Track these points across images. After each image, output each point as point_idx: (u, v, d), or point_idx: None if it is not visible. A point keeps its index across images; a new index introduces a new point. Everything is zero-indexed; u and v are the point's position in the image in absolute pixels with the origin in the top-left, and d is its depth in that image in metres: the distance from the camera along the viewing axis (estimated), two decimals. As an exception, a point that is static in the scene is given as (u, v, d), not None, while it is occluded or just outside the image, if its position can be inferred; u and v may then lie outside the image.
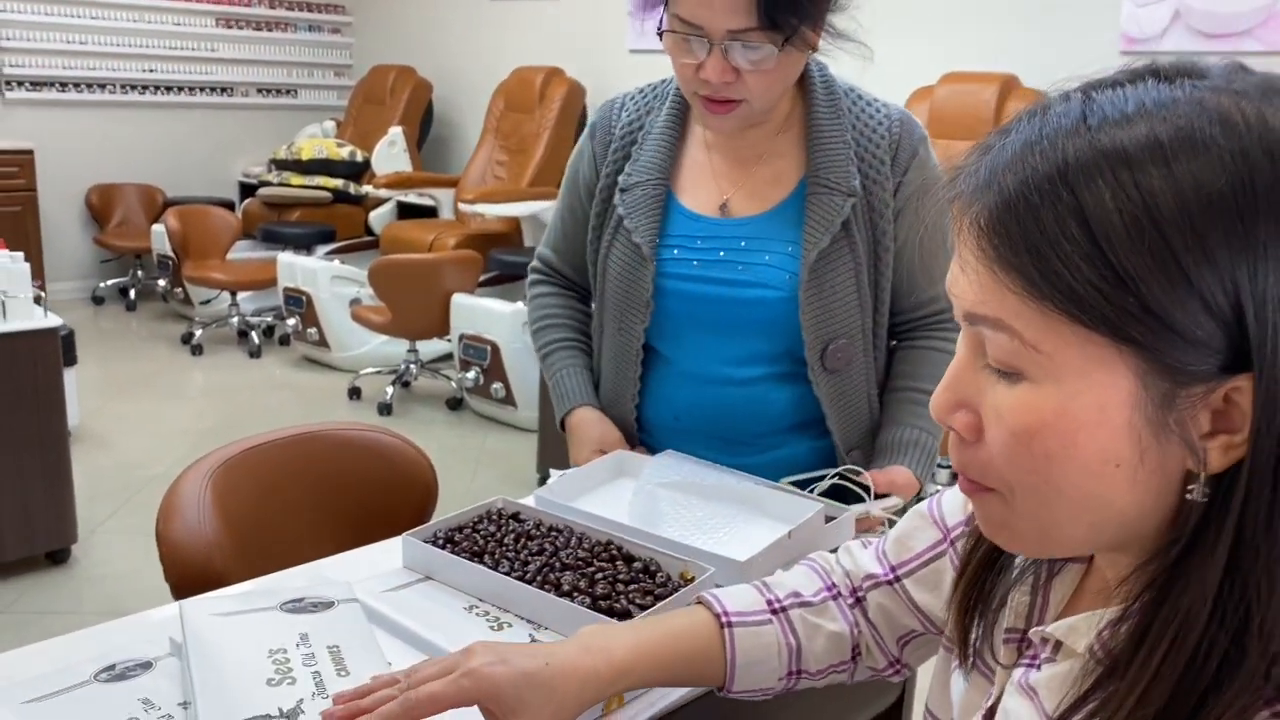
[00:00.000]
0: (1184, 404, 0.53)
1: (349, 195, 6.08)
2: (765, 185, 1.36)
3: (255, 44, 6.75)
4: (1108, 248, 0.51)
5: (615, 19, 5.58)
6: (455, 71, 6.48)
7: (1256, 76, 0.55)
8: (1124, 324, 0.51)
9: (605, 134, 1.43)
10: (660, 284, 1.36)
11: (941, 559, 0.87)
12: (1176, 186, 0.50)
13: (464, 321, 4.40)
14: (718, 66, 1.21)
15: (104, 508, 3.45)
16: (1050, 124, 0.55)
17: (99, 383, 4.68)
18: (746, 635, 0.87)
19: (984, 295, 0.56)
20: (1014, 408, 0.56)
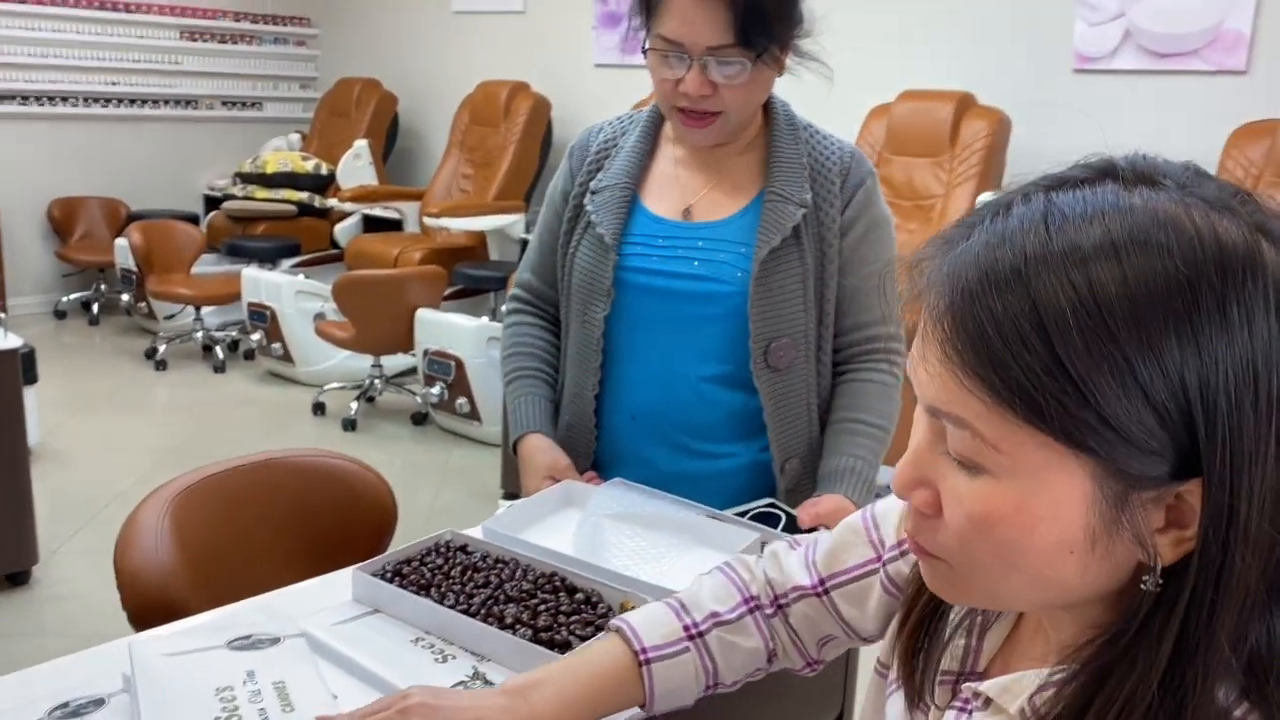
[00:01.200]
0: (1136, 504, 0.56)
1: (314, 208, 6.08)
2: (726, 196, 1.48)
3: (219, 56, 6.74)
4: (1068, 358, 0.53)
5: (580, 34, 5.63)
6: (421, 85, 6.49)
7: (1211, 186, 0.57)
8: (1081, 434, 0.54)
9: (582, 153, 1.55)
10: (621, 275, 1.46)
11: (872, 577, 0.90)
12: (1129, 292, 0.53)
13: (429, 337, 4.42)
14: (696, 80, 1.35)
15: (65, 527, 3.44)
16: (1011, 227, 0.57)
17: (61, 399, 4.65)
18: (664, 669, 0.90)
19: (947, 395, 0.58)
20: (973, 498, 0.58)
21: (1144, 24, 3.87)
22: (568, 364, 1.55)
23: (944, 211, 4.05)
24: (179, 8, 6.54)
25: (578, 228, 1.51)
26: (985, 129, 4.02)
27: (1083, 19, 4.01)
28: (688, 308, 1.44)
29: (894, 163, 4.21)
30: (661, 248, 1.46)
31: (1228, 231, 0.54)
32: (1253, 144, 3.49)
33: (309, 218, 6.08)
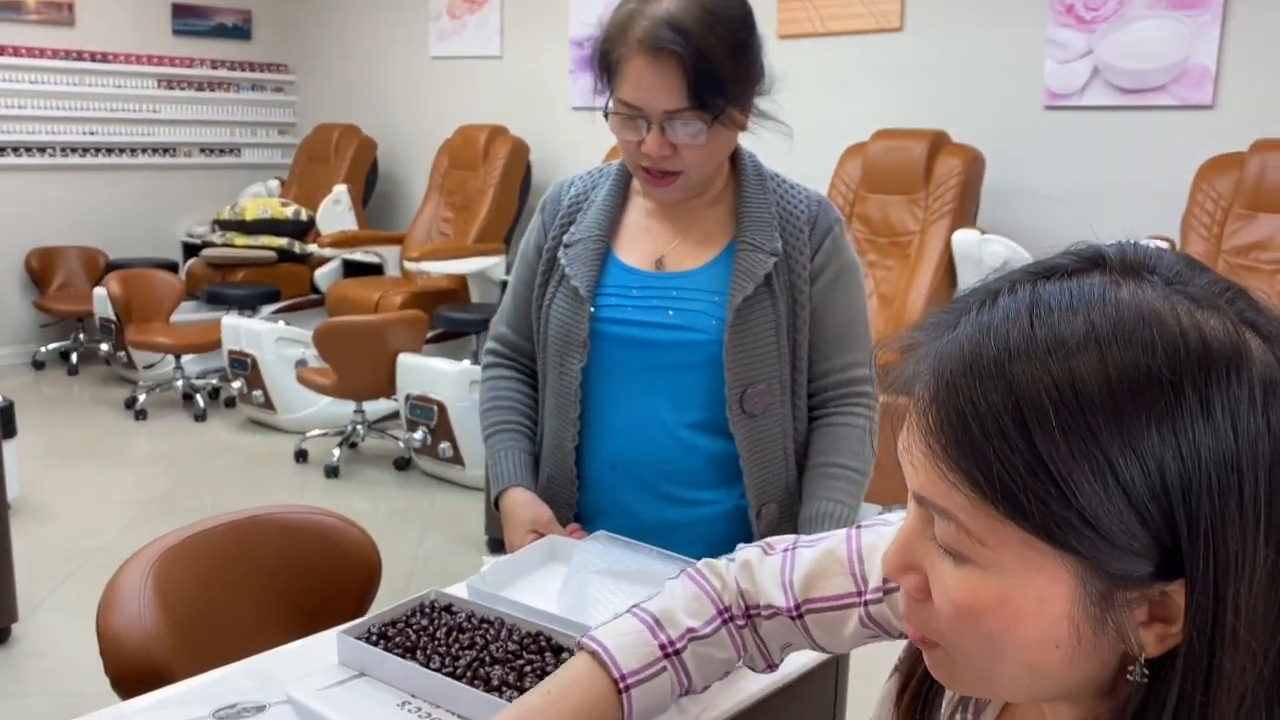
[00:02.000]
0: (1120, 601, 0.55)
1: (294, 254, 6.08)
2: (697, 246, 1.50)
3: (198, 104, 6.76)
4: (1043, 447, 0.53)
5: (557, 77, 5.68)
6: (399, 129, 6.53)
7: (1201, 280, 0.56)
8: (1064, 533, 0.53)
9: (554, 206, 1.57)
10: (596, 327, 1.47)
11: (851, 610, 0.91)
12: (1107, 378, 0.52)
13: (410, 381, 4.42)
14: (656, 141, 1.37)
15: (46, 583, 3.40)
16: (996, 319, 0.56)
17: (40, 452, 4.61)
18: (643, 693, 0.91)
19: (932, 486, 0.58)
20: (959, 587, 0.58)
21: (1112, 61, 3.95)
22: (546, 416, 1.56)
23: (920, 247, 4.09)
24: (156, 57, 6.57)
25: (552, 280, 1.53)
26: (959, 166, 4.07)
27: (1052, 57, 4.08)
28: (664, 357, 1.46)
29: (870, 200, 4.25)
30: (636, 298, 1.48)
31: (1213, 330, 0.53)
32: (1221, 176, 3.55)
33: (289, 264, 6.08)
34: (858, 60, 4.57)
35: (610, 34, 1.39)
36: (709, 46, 1.33)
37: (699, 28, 1.33)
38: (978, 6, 4.24)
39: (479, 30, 6.04)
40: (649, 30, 1.34)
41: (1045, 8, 4.06)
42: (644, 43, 1.34)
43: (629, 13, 1.38)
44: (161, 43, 6.58)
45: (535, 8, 5.76)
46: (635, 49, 1.35)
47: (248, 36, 6.96)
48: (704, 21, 1.34)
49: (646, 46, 1.33)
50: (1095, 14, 3.96)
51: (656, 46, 1.33)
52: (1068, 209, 4.03)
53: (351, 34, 6.74)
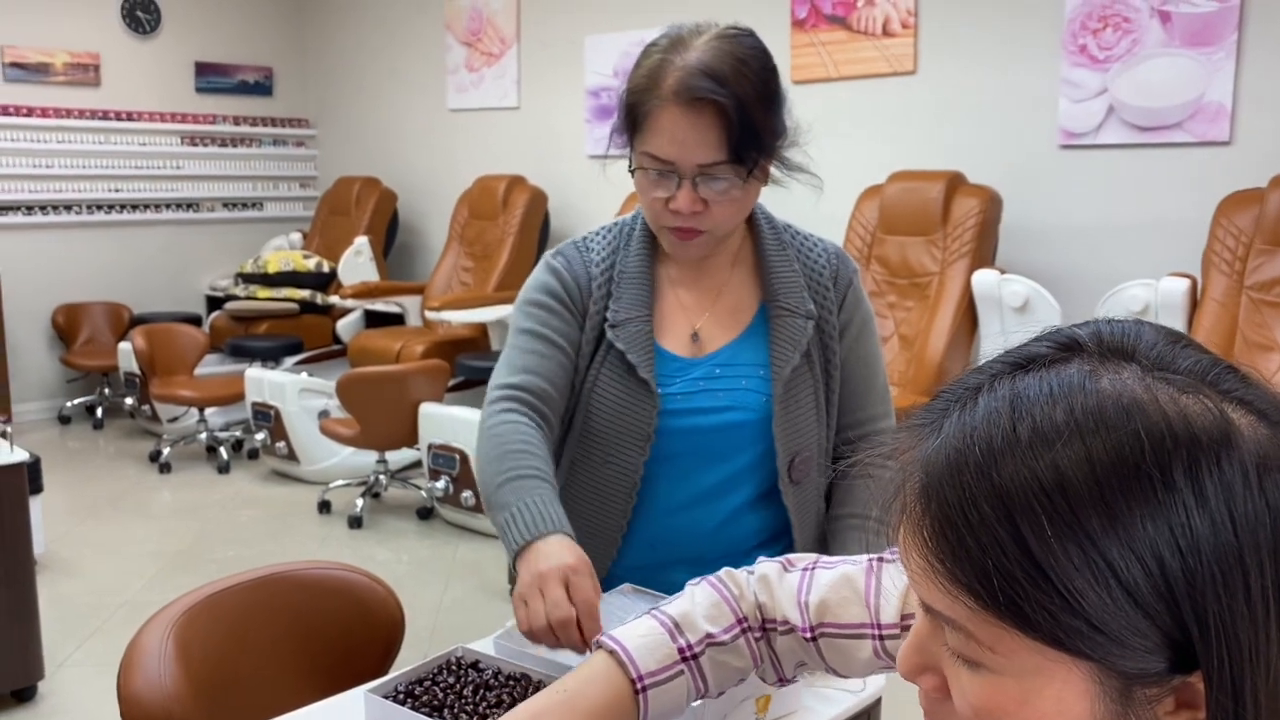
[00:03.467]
0: (1140, 698, 0.54)
1: (316, 306, 6.14)
2: (729, 314, 1.45)
3: (220, 160, 6.87)
4: (1039, 552, 0.51)
5: (573, 126, 5.75)
6: (419, 181, 6.61)
7: (1187, 359, 0.55)
8: (1072, 640, 0.52)
9: (584, 270, 1.44)
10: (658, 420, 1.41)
11: (864, 640, 0.91)
12: (1092, 470, 0.51)
13: (432, 431, 4.43)
14: (689, 198, 1.31)
15: (72, 639, 3.40)
16: (978, 420, 0.55)
17: (66, 506, 4.64)
18: (660, 694, 0.91)
19: (935, 599, 0.57)
20: (977, 693, 0.57)
21: (1126, 99, 3.96)
22: (581, 496, 1.46)
23: (940, 288, 4.09)
24: (180, 115, 6.69)
25: (598, 357, 1.43)
26: (976, 206, 4.07)
27: (1066, 96, 4.09)
28: (716, 441, 1.41)
29: (888, 242, 4.26)
30: (682, 384, 1.42)
31: (1198, 415, 0.52)
32: (1240, 212, 3.53)
33: (311, 315, 6.14)
34: (872, 104, 4.60)
35: (638, 85, 1.31)
36: (746, 95, 1.27)
37: (735, 76, 1.26)
38: (990, 48, 4.27)
39: (496, 82, 6.13)
40: (683, 80, 1.26)
41: (1058, 48, 4.09)
42: (679, 94, 1.26)
43: (657, 63, 1.30)
44: (185, 100, 6.71)
45: (551, 59, 5.84)
46: (669, 99, 1.27)
47: (269, 92, 7.08)
48: (738, 70, 1.27)
49: (682, 98, 1.26)
50: (1109, 53, 3.98)
51: (694, 97, 1.25)
52: (1087, 247, 4.03)
53: (371, 88, 6.85)
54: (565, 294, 1.45)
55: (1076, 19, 4.04)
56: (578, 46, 5.67)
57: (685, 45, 1.30)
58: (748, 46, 1.32)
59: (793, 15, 4.76)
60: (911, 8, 4.44)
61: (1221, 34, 3.73)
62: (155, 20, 6.57)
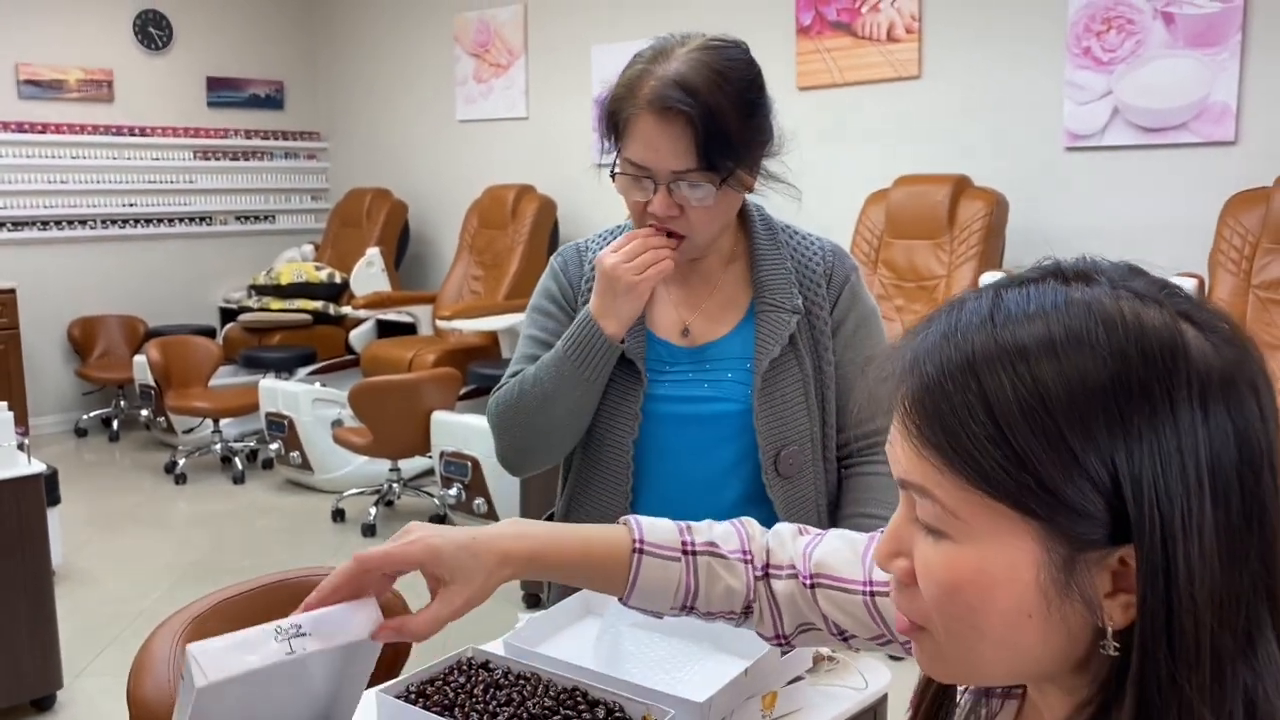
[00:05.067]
0: (1083, 567, 0.60)
1: (329, 316, 6.18)
2: (720, 310, 1.49)
3: (233, 173, 6.93)
4: (1009, 431, 0.60)
5: (581, 135, 5.78)
6: (429, 191, 6.66)
7: (1141, 281, 0.64)
8: (1025, 499, 0.60)
9: (576, 269, 1.54)
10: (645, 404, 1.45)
11: (855, 596, 0.97)
12: (1065, 379, 0.59)
13: (444, 438, 4.46)
14: (664, 202, 1.35)
15: (90, 649, 3.44)
16: (963, 319, 0.65)
17: (83, 518, 4.69)
18: (653, 565, 0.99)
19: (911, 466, 0.65)
20: (939, 564, 0.64)
21: (1131, 100, 3.97)
22: (591, 480, 1.53)
23: (948, 291, 4.10)
24: (192, 129, 6.75)
25: None
26: (983, 209, 4.09)
27: (1071, 99, 4.11)
28: (702, 432, 1.45)
29: (895, 246, 4.27)
30: (669, 373, 1.47)
31: (1152, 320, 0.61)
32: (1247, 211, 3.54)
33: (324, 326, 6.19)
34: (877, 109, 4.62)
35: (618, 93, 1.38)
36: (718, 106, 1.31)
37: (707, 88, 1.31)
38: (994, 52, 4.29)
39: (505, 93, 6.18)
40: (657, 90, 1.32)
41: (1062, 50, 4.10)
42: (653, 103, 1.32)
43: (638, 73, 1.36)
44: (197, 115, 6.77)
45: (558, 69, 5.89)
46: (644, 108, 1.33)
47: (280, 106, 7.14)
48: (712, 82, 1.32)
49: (655, 106, 1.32)
50: (1113, 55, 3.99)
51: (665, 106, 1.31)
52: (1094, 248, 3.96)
53: (381, 100, 6.90)
54: (561, 296, 1.54)
55: (1080, 21, 4.05)
56: (584, 56, 5.71)
57: (667, 56, 1.36)
58: (727, 58, 1.36)
59: (797, 22, 4.79)
60: (915, 13, 4.46)
61: (1225, 34, 3.74)
62: (167, 36, 6.64)
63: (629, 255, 1.39)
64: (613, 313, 1.40)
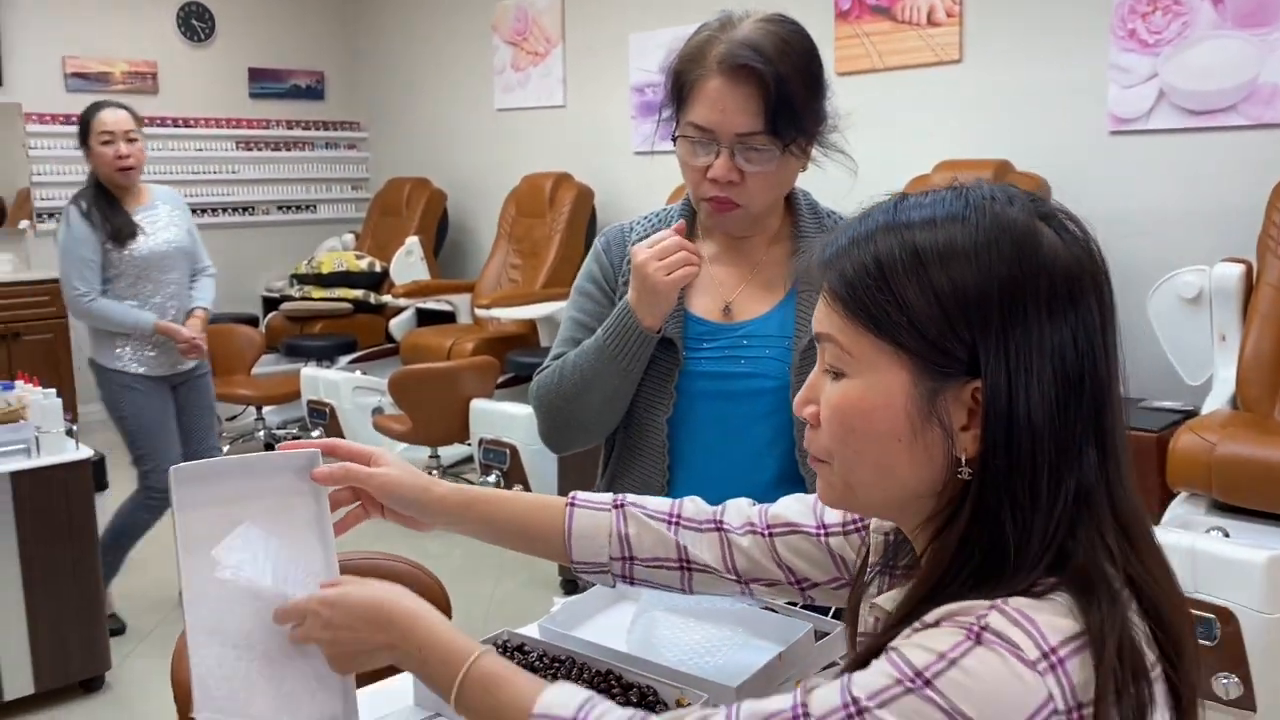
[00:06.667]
0: (942, 400, 0.77)
1: (369, 305, 6.24)
2: (762, 290, 1.50)
3: (274, 163, 7.00)
4: (892, 282, 0.77)
5: (619, 123, 5.78)
6: (467, 180, 6.68)
7: (1015, 191, 0.81)
8: (900, 336, 0.77)
9: (620, 250, 1.56)
10: (680, 380, 1.47)
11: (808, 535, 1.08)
12: (938, 243, 0.77)
13: (483, 426, 4.49)
14: (725, 166, 1.37)
15: (136, 632, 3.51)
16: (873, 212, 0.83)
17: (130, 503, 4.76)
18: (584, 514, 1.12)
19: (823, 320, 0.82)
20: (836, 396, 0.81)
21: (1177, 83, 3.89)
22: (631, 458, 1.54)
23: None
24: (234, 119, 6.83)
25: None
26: (1025, 195, 4.03)
27: (1115, 82, 4.03)
28: (739, 408, 1.46)
29: (935, 233, 4.22)
30: (709, 349, 1.48)
31: (1016, 214, 0.78)
32: (1299, 195, 3.46)
33: (364, 314, 6.24)
34: (918, 94, 4.57)
35: (686, 56, 1.40)
36: (787, 73, 1.35)
37: (777, 54, 1.35)
38: (1037, 35, 4.22)
39: (542, 81, 6.18)
40: (729, 50, 1.35)
41: (1105, 33, 4.03)
42: (723, 63, 1.35)
43: (706, 38, 1.39)
44: (240, 106, 6.85)
45: (597, 57, 5.88)
46: (713, 70, 1.35)
47: (321, 96, 7.21)
48: (781, 50, 1.35)
49: (726, 66, 1.35)
50: (1158, 36, 3.91)
51: (736, 65, 1.34)
52: (1139, 233, 3.96)
53: (420, 90, 6.94)
54: (602, 277, 1.57)
55: (1125, 3, 3.98)
56: (622, 44, 5.70)
57: (734, 25, 1.39)
58: (792, 30, 1.40)
59: (836, 7, 4.75)
60: (957, -4, 4.40)
61: (1275, 13, 3.65)
62: (210, 28, 6.72)
63: (662, 253, 1.40)
64: (647, 306, 1.42)
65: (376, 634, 0.95)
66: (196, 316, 3.70)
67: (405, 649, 0.93)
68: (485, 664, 0.90)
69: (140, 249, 3.49)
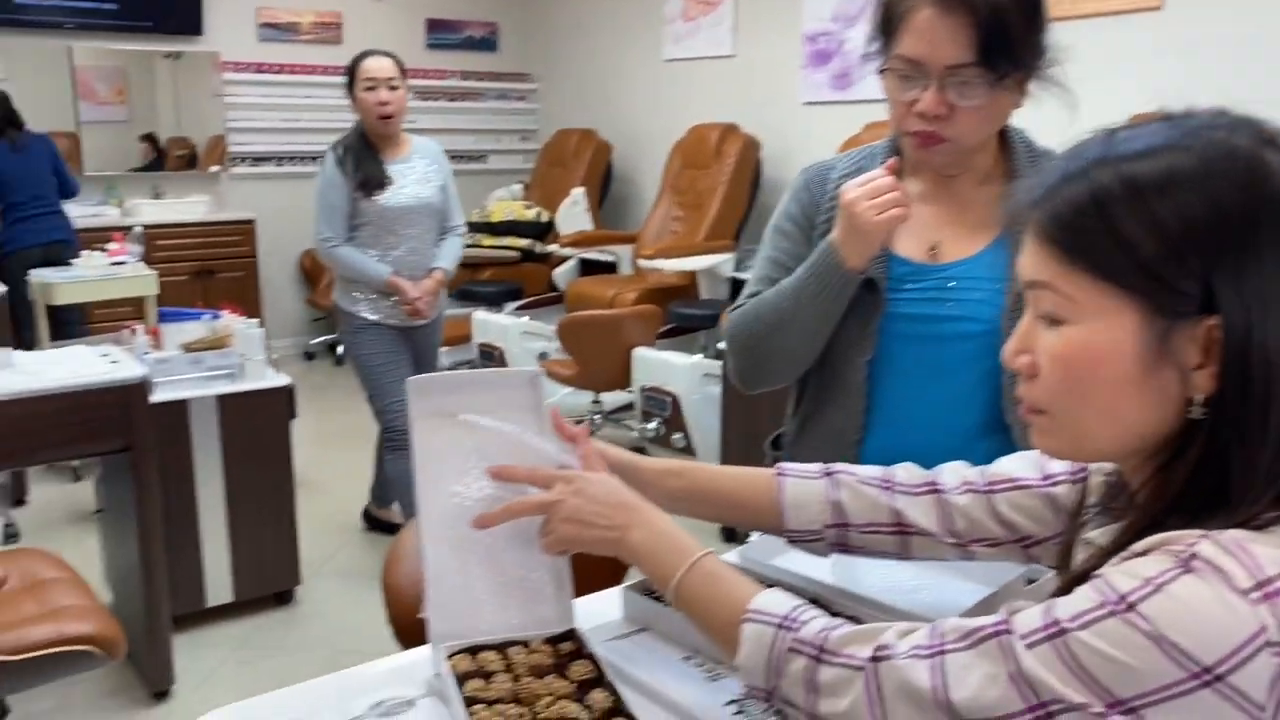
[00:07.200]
0: (1175, 339, 0.73)
1: (535, 254, 6.38)
2: (970, 231, 1.45)
3: (449, 114, 7.20)
4: (1115, 220, 0.73)
5: (788, 74, 5.69)
6: (633, 132, 6.72)
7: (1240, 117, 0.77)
8: (1128, 278, 0.73)
9: (820, 187, 1.53)
10: (881, 322, 1.44)
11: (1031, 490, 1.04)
12: (1159, 174, 0.73)
13: (645, 374, 4.55)
14: (934, 99, 1.32)
15: (322, 551, 3.73)
16: (1083, 148, 0.79)
17: (313, 434, 5.04)
18: (796, 483, 1.11)
19: (1036, 266, 0.79)
20: (1056, 345, 0.78)
21: None
22: (823, 404, 1.53)
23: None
24: (412, 70, 7.01)
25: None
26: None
27: (1339, 29, 3.73)
28: (943, 351, 1.42)
29: (1126, 190, 4.03)
30: (912, 291, 1.44)
31: (1240, 139, 0.74)
32: None
33: (530, 263, 6.39)
34: (1114, 43, 4.33)
35: None
36: (1002, 2, 1.29)
37: None
38: (1251, -21, 3.94)
39: (712, 31, 6.14)
40: None
41: (1332, -24, 3.73)
42: None
43: None
44: (417, 56, 7.05)
45: (768, 6, 5.79)
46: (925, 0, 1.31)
47: (494, 48, 7.35)
48: None
49: None
50: (1394, -21, 3.59)
51: None
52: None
53: (590, 42, 6.99)
54: (801, 215, 1.54)
55: (1356, -58, 3.66)
56: (796, -8, 5.60)
57: None
58: None
59: (1027, -49, 4.54)
60: (1161, -62, 4.14)
61: None
62: (391, -20, 6.93)
63: (873, 192, 1.36)
64: (853, 247, 1.39)
65: (617, 515, 1.01)
66: (433, 277, 3.60)
67: (642, 533, 0.99)
68: (711, 560, 0.96)
69: (386, 201, 3.46)
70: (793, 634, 0.85)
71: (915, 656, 0.77)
